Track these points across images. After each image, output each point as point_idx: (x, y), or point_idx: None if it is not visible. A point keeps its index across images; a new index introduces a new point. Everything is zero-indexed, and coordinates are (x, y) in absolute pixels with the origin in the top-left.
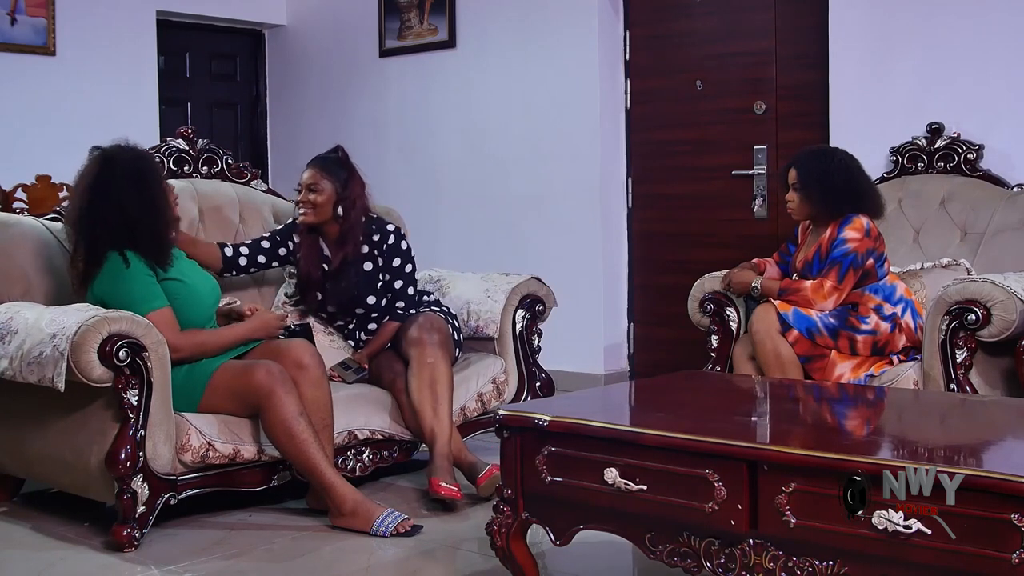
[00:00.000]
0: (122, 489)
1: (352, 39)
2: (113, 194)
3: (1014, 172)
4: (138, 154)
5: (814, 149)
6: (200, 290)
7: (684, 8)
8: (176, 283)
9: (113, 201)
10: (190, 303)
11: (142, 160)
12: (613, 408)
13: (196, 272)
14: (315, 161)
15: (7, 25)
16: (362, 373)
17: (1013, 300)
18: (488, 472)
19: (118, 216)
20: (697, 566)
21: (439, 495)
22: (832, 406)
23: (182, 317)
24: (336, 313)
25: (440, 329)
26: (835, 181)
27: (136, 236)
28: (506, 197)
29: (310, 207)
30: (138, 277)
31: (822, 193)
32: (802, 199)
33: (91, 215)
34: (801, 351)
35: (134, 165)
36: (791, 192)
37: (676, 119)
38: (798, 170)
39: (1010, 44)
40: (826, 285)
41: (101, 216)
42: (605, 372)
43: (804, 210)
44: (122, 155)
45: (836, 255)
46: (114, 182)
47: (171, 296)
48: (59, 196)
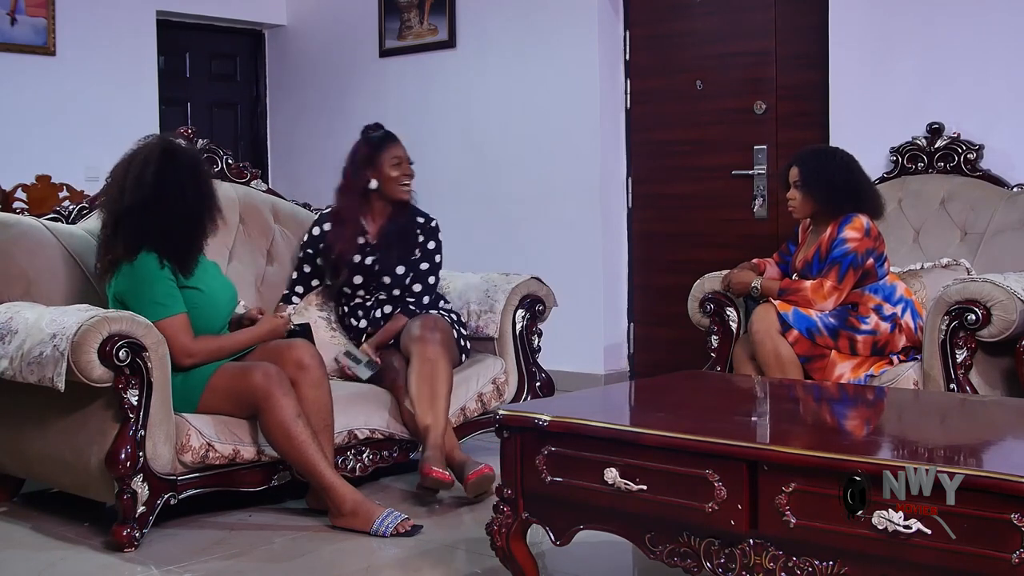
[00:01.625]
0: (122, 489)
1: (352, 39)
2: (178, 189)
3: (1014, 172)
4: (196, 151)
5: (816, 148)
6: (218, 299)
7: (684, 8)
8: (195, 292)
9: (178, 197)
10: (206, 312)
11: (200, 158)
12: (613, 408)
13: (216, 280)
14: (394, 138)
15: (7, 25)
16: (375, 368)
17: (1013, 300)
18: (478, 472)
19: (179, 211)
20: (697, 566)
21: (431, 476)
22: (832, 406)
23: (197, 325)
24: (360, 286)
25: (443, 329)
26: (836, 179)
27: (182, 235)
28: (506, 197)
29: (412, 179)
30: (163, 280)
31: (823, 191)
32: (803, 197)
33: (151, 206)
34: (801, 351)
35: (195, 163)
36: (792, 190)
37: (676, 119)
38: (800, 168)
39: (1010, 44)
40: (826, 285)
41: (162, 208)
42: (605, 372)
43: (805, 208)
44: (183, 151)
45: (836, 255)
46: (179, 177)
47: (189, 305)
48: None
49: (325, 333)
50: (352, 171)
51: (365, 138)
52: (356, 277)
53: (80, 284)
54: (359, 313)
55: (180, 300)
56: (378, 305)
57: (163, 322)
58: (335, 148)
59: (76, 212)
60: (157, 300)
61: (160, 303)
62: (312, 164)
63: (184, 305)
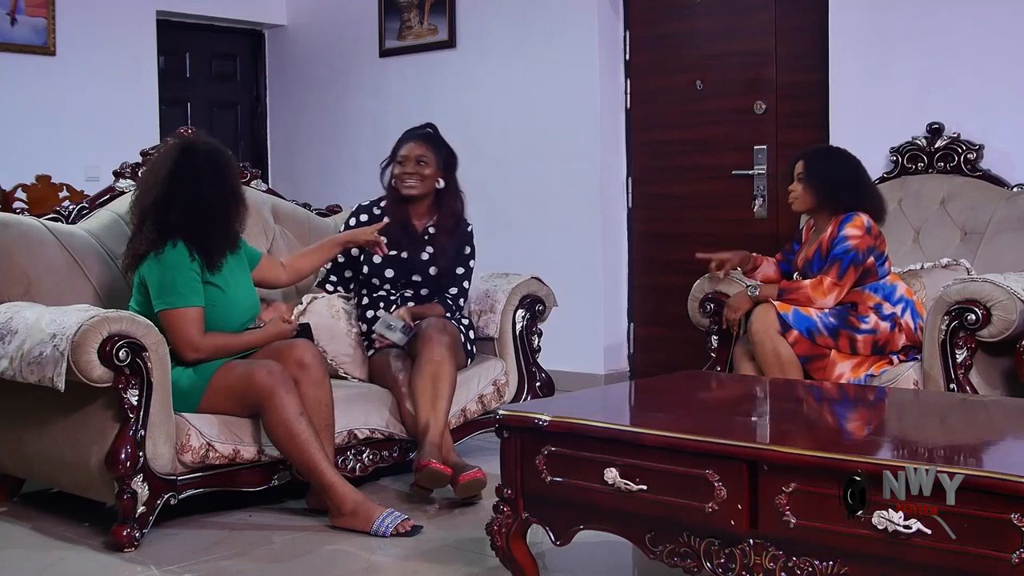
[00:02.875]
0: (122, 489)
1: (352, 39)
2: (193, 181)
3: (1014, 172)
4: (217, 146)
5: (825, 146)
6: (238, 303)
7: (684, 8)
8: (216, 290)
9: (193, 189)
10: (223, 313)
11: (221, 152)
12: (613, 408)
13: (240, 284)
14: (418, 136)
15: (7, 25)
16: (410, 333)
17: (1013, 300)
18: (471, 475)
19: (196, 203)
20: (697, 566)
21: (429, 468)
22: (832, 406)
23: (212, 323)
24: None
25: (451, 333)
26: (839, 175)
27: (204, 227)
28: (506, 197)
29: (418, 179)
30: (188, 271)
31: (825, 185)
32: (805, 189)
33: (168, 200)
34: (801, 351)
35: (214, 156)
36: (795, 183)
37: (676, 119)
38: (806, 162)
39: (1010, 44)
40: (825, 282)
41: (179, 201)
42: (605, 372)
43: (805, 201)
44: (202, 146)
45: (837, 252)
46: (195, 170)
47: (208, 301)
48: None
49: (344, 325)
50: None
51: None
52: (388, 270)
53: (80, 284)
54: (380, 305)
55: (200, 293)
56: (402, 302)
57: (177, 311)
58: (335, 148)
59: (76, 212)
60: (178, 288)
61: (179, 292)
62: (312, 164)
63: (203, 299)
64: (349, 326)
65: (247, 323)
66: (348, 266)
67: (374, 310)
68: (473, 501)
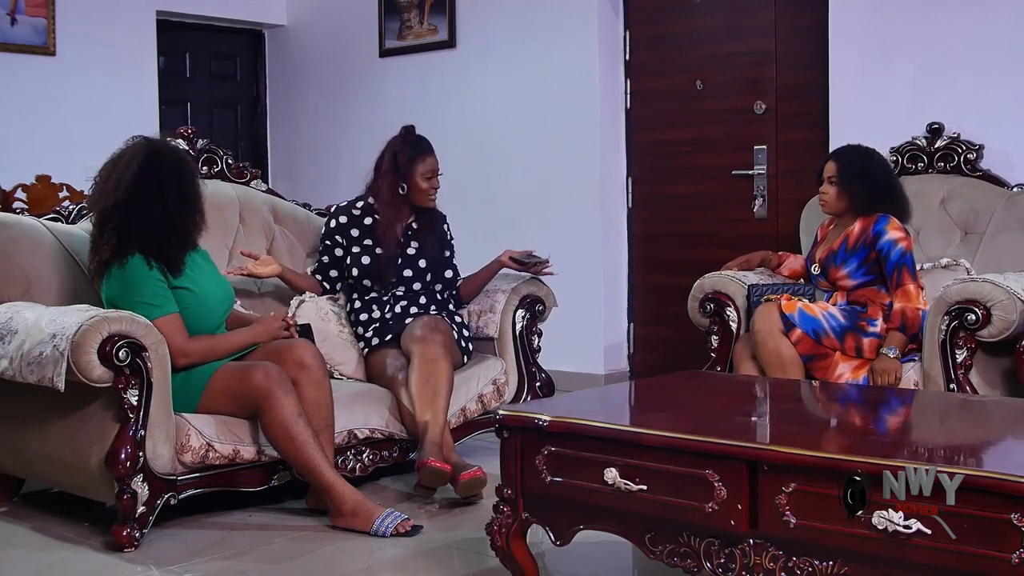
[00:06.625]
0: (122, 489)
1: (352, 39)
2: (156, 190)
3: (1014, 172)
4: (181, 154)
5: (855, 146)
6: (210, 299)
7: (684, 8)
8: (186, 292)
9: (155, 198)
10: (199, 312)
11: (184, 160)
12: (613, 408)
13: (209, 279)
14: (429, 148)
15: (7, 25)
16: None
17: (1013, 300)
18: (471, 474)
19: (157, 212)
20: (697, 566)
21: (430, 466)
22: (832, 406)
23: (191, 325)
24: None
25: (444, 331)
26: (877, 177)
27: (163, 237)
28: (506, 197)
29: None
30: (151, 282)
31: (862, 188)
32: (839, 192)
33: (130, 206)
34: (803, 350)
35: (178, 165)
36: (826, 185)
37: (676, 119)
38: (838, 164)
39: (1010, 44)
40: (909, 290)
41: (140, 209)
42: (605, 372)
43: (840, 204)
44: (168, 153)
45: (894, 259)
46: (159, 178)
47: (180, 305)
48: (59, 196)
49: (335, 327)
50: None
51: (406, 142)
52: (379, 270)
53: (80, 284)
54: (373, 307)
55: (171, 300)
56: (394, 301)
57: (156, 322)
58: (335, 148)
59: (76, 212)
60: (147, 301)
61: (151, 304)
62: (312, 164)
63: (176, 305)
64: (340, 327)
65: (226, 313)
66: (333, 266)
67: (368, 313)
68: (473, 500)
